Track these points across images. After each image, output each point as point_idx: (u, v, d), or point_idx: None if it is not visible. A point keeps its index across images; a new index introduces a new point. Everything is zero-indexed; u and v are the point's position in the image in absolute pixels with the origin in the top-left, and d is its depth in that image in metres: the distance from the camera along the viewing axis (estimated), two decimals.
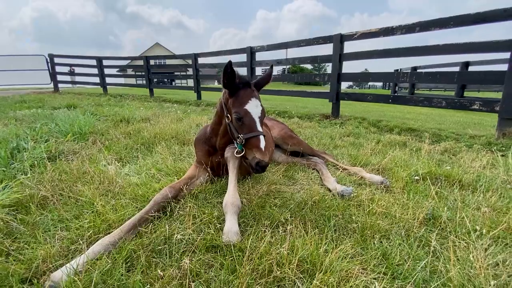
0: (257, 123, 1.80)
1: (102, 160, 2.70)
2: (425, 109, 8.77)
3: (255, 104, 1.84)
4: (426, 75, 5.09)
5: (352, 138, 4.16)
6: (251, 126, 1.79)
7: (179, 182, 1.97)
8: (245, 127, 1.80)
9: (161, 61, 25.78)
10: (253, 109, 1.82)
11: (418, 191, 2.22)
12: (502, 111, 4.13)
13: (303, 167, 2.75)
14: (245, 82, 1.90)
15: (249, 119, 1.80)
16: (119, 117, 4.59)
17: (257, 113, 1.83)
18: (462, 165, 2.94)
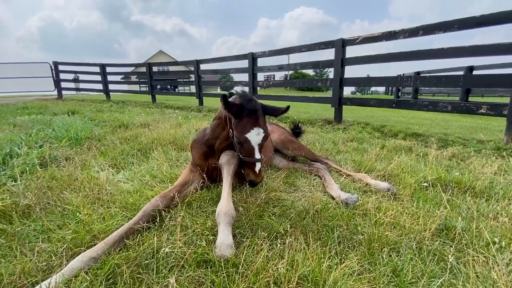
0: (256, 150, 1.80)
1: (95, 166, 2.59)
2: (429, 114, 8.61)
3: (256, 133, 1.80)
4: (430, 79, 4.95)
5: (355, 143, 4.02)
6: (249, 152, 1.80)
7: (171, 189, 1.84)
8: (244, 151, 1.82)
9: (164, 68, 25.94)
10: (253, 138, 1.80)
11: (428, 199, 2.06)
12: (511, 115, 3.97)
13: (305, 173, 2.61)
14: (251, 110, 1.81)
15: (248, 146, 1.80)
16: (118, 122, 4.51)
17: (256, 141, 1.80)
18: (473, 171, 2.77)
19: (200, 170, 2.08)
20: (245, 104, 1.80)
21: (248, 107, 1.79)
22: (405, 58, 5.20)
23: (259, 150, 1.80)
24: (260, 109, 1.87)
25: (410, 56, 5.08)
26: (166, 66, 11.84)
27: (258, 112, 1.84)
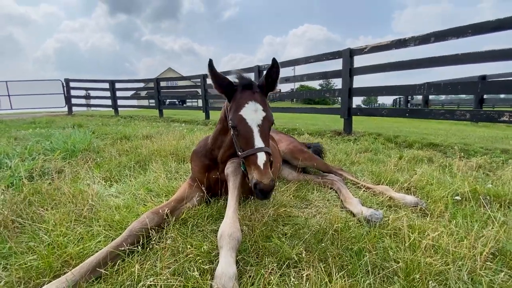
0: (255, 133, 1.42)
1: (87, 179, 2.34)
2: (442, 125, 8.20)
3: (253, 108, 1.45)
4: (445, 86, 4.64)
5: (369, 154, 3.69)
6: (247, 138, 1.43)
7: (165, 205, 1.56)
8: (241, 139, 1.46)
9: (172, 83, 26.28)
10: (250, 115, 1.44)
11: (467, 215, 1.72)
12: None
13: (318, 185, 2.30)
14: (245, 84, 1.53)
15: (244, 129, 1.44)
16: (120, 135, 4.31)
17: (255, 120, 1.44)
18: (507, 183, 2.41)
19: (200, 183, 1.80)
20: (239, 79, 1.54)
21: (242, 82, 1.53)
22: (417, 66, 4.93)
23: (260, 134, 1.43)
24: (257, 87, 1.57)
25: (422, 63, 4.81)
26: (174, 81, 11.85)
27: (255, 87, 1.55)
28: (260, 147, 1.39)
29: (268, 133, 1.51)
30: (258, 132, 1.43)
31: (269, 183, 1.30)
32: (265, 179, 1.30)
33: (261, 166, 1.34)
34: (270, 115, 1.51)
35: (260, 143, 1.41)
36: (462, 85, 4.61)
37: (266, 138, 1.46)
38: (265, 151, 1.40)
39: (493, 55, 3.99)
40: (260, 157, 1.36)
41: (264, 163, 1.35)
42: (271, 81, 1.60)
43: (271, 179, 1.31)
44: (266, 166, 1.35)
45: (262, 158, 1.36)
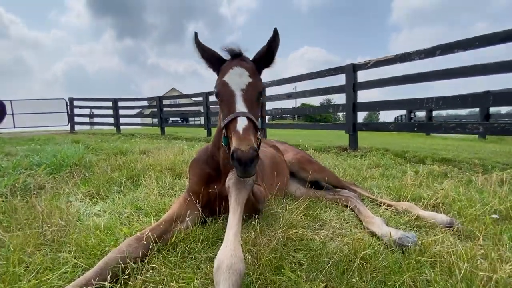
0: (237, 97, 1.27)
1: (71, 195, 2.06)
2: (449, 140, 7.91)
3: (237, 73, 1.32)
4: (455, 99, 4.42)
5: (381, 169, 3.40)
6: (229, 103, 1.28)
7: (153, 228, 1.26)
8: (223, 106, 1.31)
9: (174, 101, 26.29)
10: (234, 79, 1.30)
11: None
12: None
13: (330, 202, 1.99)
14: (234, 54, 1.41)
15: (227, 94, 1.29)
16: (116, 150, 4.06)
17: (238, 84, 1.29)
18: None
19: (196, 199, 1.50)
20: (229, 51, 1.40)
21: (232, 52, 1.40)
22: (423, 79, 4.74)
23: (244, 99, 1.26)
24: (249, 59, 1.43)
25: (427, 76, 4.62)
26: (177, 99, 11.82)
27: (246, 58, 1.41)
28: (241, 111, 1.22)
29: (255, 101, 1.32)
30: (241, 97, 1.27)
31: (248, 151, 1.09)
32: (243, 145, 1.10)
33: (240, 131, 1.16)
34: (258, 83, 1.35)
35: (242, 107, 1.24)
36: (472, 98, 4.39)
37: (251, 104, 1.28)
38: (247, 116, 1.21)
39: (501, 66, 3.80)
40: (240, 122, 1.19)
41: (245, 128, 1.17)
42: (268, 55, 1.42)
43: (251, 147, 1.11)
44: (246, 131, 1.17)
45: (242, 122, 1.19)
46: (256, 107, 1.32)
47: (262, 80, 1.44)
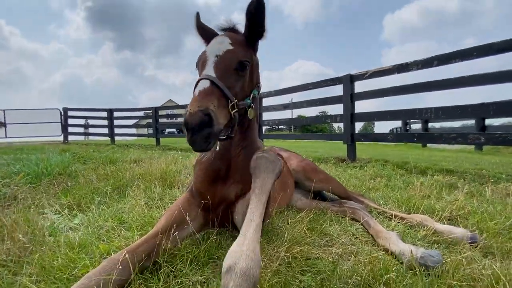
0: (209, 62, 1.13)
1: (47, 207, 1.83)
2: (446, 152, 7.82)
3: (218, 41, 1.20)
4: (454, 109, 4.32)
5: (383, 180, 3.23)
6: (201, 70, 1.15)
7: (138, 245, 1.04)
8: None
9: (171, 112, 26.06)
10: (212, 47, 1.19)
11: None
12: None
13: (336, 215, 1.80)
14: (224, 28, 1.34)
15: (201, 61, 1.17)
16: (106, 159, 3.84)
17: (215, 51, 1.16)
18: None
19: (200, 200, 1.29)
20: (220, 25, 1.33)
21: (224, 25, 1.33)
22: (421, 90, 4.67)
23: (215, 65, 1.10)
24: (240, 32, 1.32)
25: (427, 87, 4.54)
26: (173, 109, 11.69)
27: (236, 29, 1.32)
28: (205, 74, 1.07)
29: (233, 70, 1.15)
30: (213, 62, 1.12)
31: (195, 113, 0.94)
32: (192, 107, 0.95)
33: (196, 93, 1.01)
34: (238, 51, 1.18)
35: (210, 71, 1.08)
36: (472, 108, 4.30)
37: (224, 71, 1.11)
38: (210, 79, 1.04)
39: (502, 76, 3.74)
40: (199, 85, 1.04)
41: (201, 90, 1.01)
42: (256, 21, 1.24)
43: (201, 109, 0.95)
44: (202, 93, 1.00)
45: (201, 85, 1.04)
46: (233, 77, 1.15)
47: (252, 55, 1.28)
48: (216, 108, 1.00)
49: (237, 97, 1.13)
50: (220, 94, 1.05)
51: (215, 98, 1.02)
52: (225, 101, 1.06)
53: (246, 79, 1.22)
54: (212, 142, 1.00)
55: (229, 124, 1.12)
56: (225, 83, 1.08)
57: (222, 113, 1.04)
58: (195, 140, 0.95)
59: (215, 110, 0.99)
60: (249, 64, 1.21)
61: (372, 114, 5.46)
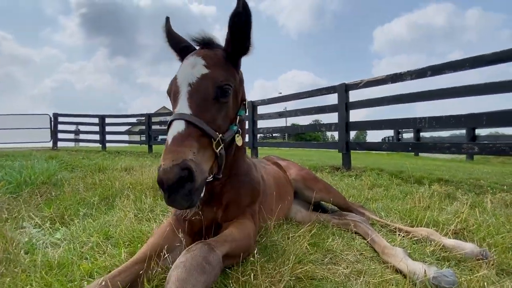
0: (181, 95, 0.95)
1: (26, 219, 1.68)
2: (438, 161, 7.88)
3: (190, 63, 1.00)
4: (448, 119, 4.34)
5: (381, 190, 3.16)
6: (174, 104, 0.98)
7: (128, 267, 0.91)
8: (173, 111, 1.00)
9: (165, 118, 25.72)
10: (183, 72, 0.99)
11: None
12: None
13: (337, 228, 1.70)
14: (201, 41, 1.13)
15: (173, 91, 1.00)
16: (95, 167, 3.67)
17: (187, 77, 0.97)
18: None
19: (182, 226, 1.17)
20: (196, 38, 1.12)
21: (198, 39, 1.12)
22: (416, 99, 4.69)
23: (189, 96, 0.94)
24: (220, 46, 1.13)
25: (421, 96, 4.57)
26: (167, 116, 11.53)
27: (214, 44, 1.12)
28: (179, 113, 0.90)
29: (212, 99, 0.98)
30: (187, 93, 0.94)
31: (171, 168, 0.78)
32: (166, 161, 0.79)
33: (169, 141, 0.85)
34: (217, 75, 0.99)
35: (184, 108, 0.91)
36: (465, 118, 4.32)
37: (202, 103, 0.94)
38: (186, 119, 0.88)
39: (494, 87, 3.78)
40: (173, 127, 0.87)
41: (176, 136, 0.85)
42: (241, 35, 1.05)
43: (176, 163, 0.79)
44: (176, 140, 0.86)
45: (176, 128, 0.87)
46: (214, 107, 0.98)
47: (235, 74, 1.09)
48: (197, 154, 0.86)
49: (220, 129, 0.98)
50: (200, 134, 0.90)
51: (194, 142, 0.87)
52: (207, 140, 0.92)
53: (230, 105, 1.06)
54: (196, 198, 0.86)
55: (215, 165, 0.98)
56: (205, 118, 0.93)
57: (205, 157, 0.90)
58: (175, 200, 0.81)
59: (196, 157, 0.85)
60: (232, 88, 1.04)
61: (367, 123, 5.45)
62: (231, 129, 1.07)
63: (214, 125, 0.96)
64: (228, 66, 1.08)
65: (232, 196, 1.25)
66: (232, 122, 1.09)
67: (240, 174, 1.31)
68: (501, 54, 3.78)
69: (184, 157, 0.81)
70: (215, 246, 0.89)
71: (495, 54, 3.84)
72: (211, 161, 0.94)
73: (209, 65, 1.01)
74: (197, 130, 0.90)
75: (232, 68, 1.11)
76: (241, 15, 1.01)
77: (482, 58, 3.93)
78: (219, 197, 1.25)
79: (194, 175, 0.82)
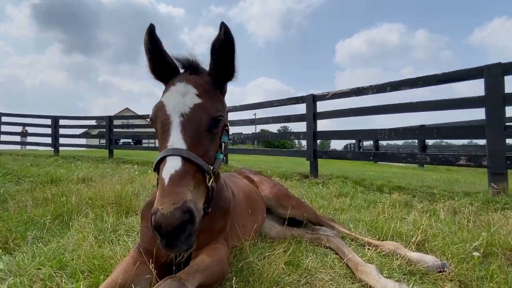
0: (173, 125, 0.89)
1: None
2: (394, 168, 8.56)
3: (180, 91, 0.95)
4: (404, 131, 4.75)
5: (347, 199, 3.30)
6: (163, 134, 0.91)
7: None
8: (159, 141, 0.93)
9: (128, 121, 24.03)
10: (173, 99, 0.93)
11: (509, 282, 1.29)
12: (491, 165, 3.70)
13: (309, 243, 1.72)
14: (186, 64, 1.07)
15: (162, 121, 0.92)
16: (47, 177, 3.27)
17: (178, 107, 0.91)
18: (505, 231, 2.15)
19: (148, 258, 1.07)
20: (180, 60, 1.06)
21: (183, 62, 1.05)
22: (377, 112, 5.05)
23: (182, 128, 0.88)
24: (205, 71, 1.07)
25: (382, 110, 4.94)
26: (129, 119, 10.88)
27: (200, 69, 1.06)
28: (173, 148, 0.83)
29: (205, 131, 0.93)
30: (179, 125, 0.89)
31: (172, 213, 0.72)
32: (165, 204, 0.73)
33: (165, 181, 0.78)
34: (209, 105, 0.95)
35: (178, 141, 0.85)
36: (419, 130, 4.75)
37: (196, 136, 0.89)
38: (183, 155, 0.83)
39: (447, 104, 4.20)
40: (168, 165, 0.81)
41: (173, 176, 0.79)
42: (223, 62, 1.02)
43: (177, 207, 0.73)
44: (174, 181, 0.78)
45: (171, 166, 0.81)
46: (207, 139, 0.93)
47: (223, 101, 1.06)
48: (194, 191, 0.81)
49: (211, 161, 0.94)
50: (195, 170, 0.85)
51: (191, 179, 0.82)
52: (201, 176, 0.87)
53: (219, 135, 1.02)
54: (194, 238, 0.81)
55: (206, 200, 0.93)
56: (199, 152, 0.88)
57: (200, 193, 0.86)
58: (175, 246, 0.76)
59: (194, 196, 0.80)
60: (224, 118, 1.00)
61: (334, 132, 5.71)
62: (218, 158, 1.02)
63: (207, 157, 0.91)
64: (217, 94, 1.04)
65: (205, 221, 1.18)
66: (217, 151, 1.04)
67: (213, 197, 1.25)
68: (449, 74, 4.24)
69: (185, 198, 0.76)
70: (186, 280, 0.83)
71: (445, 74, 4.30)
72: (204, 197, 0.89)
73: (201, 94, 0.96)
74: (193, 166, 0.84)
75: (220, 96, 1.07)
76: (223, 42, 0.97)
77: (433, 77, 4.37)
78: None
79: (194, 216, 0.76)
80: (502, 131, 3.57)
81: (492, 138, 3.67)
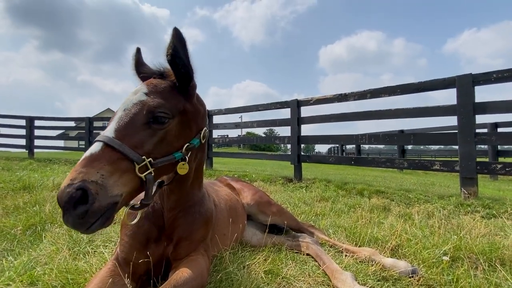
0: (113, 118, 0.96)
1: None
2: (375, 171, 8.85)
3: (133, 91, 1.04)
4: (384, 136, 4.92)
5: (328, 204, 3.38)
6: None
7: None
8: None
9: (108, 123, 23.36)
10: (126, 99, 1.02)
11: (473, 285, 1.38)
12: (463, 170, 3.92)
13: (289, 250, 1.75)
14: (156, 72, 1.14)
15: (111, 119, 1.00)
16: (19, 184, 3.11)
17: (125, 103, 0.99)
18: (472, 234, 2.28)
19: (125, 271, 1.07)
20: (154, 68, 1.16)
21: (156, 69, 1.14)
22: (358, 118, 5.22)
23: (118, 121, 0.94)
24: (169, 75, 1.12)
25: (362, 116, 5.11)
26: None
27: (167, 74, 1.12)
28: (100, 135, 0.90)
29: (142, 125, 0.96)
30: (117, 118, 0.95)
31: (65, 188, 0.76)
32: (65, 180, 0.79)
33: (79, 161, 0.84)
34: (154, 102, 0.99)
35: (108, 131, 0.91)
36: (398, 137, 4.96)
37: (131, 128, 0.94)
38: (104, 141, 0.87)
39: (422, 112, 4.40)
40: (89, 149, 0.87)
41: (86, 157, 0.84)
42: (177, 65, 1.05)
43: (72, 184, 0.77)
44: (84, 162, 0.83)
45: (89, 150, 0.87)
46: (144, 132, 0.96)
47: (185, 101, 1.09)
48: (107, 177, 0.82)
49: (151, 155, 0.95)
50: (118, 157, 0.86)
51: (106, 164, 0.83)
52: (126, 164, 0.87)
53: (171, 133, 1.03)
54: (99, 222, 0.81)
55: (139, 190, 0.94)
56: (129, 142, 0.90)
57: (120, 181, 0.85)
58: (68, 221, 0.77)
59: (104, 180, 0.81)
60: (169, 117, 1.01)
61: (317, 137, 5.83)
62: (173, 155, 1.03)
63: (142, 150, 0.92)
64: (173, 95, 1.07)
65: (185, 231, 1.20)
66: (175, 150, 1.06)
67: (194, 205, 1.27)
68: (424, 83, 4.45)
69: (85, 178, 0.78)
70: None
71: (421, 83, 4.51)
72: (129, 186, 0.88)
73: (149, 93, 1.02)
74: (116, 153, 0.86)
75: (179, 97, 1.09)
76: (175, 46, 1.01)
77: (410, 86, 4.57)
78: (170, 231, 1.20)
79: (89, 197, 0.77)
80: (472, 138, 3.78)
81: (463, 144, 3.89)
